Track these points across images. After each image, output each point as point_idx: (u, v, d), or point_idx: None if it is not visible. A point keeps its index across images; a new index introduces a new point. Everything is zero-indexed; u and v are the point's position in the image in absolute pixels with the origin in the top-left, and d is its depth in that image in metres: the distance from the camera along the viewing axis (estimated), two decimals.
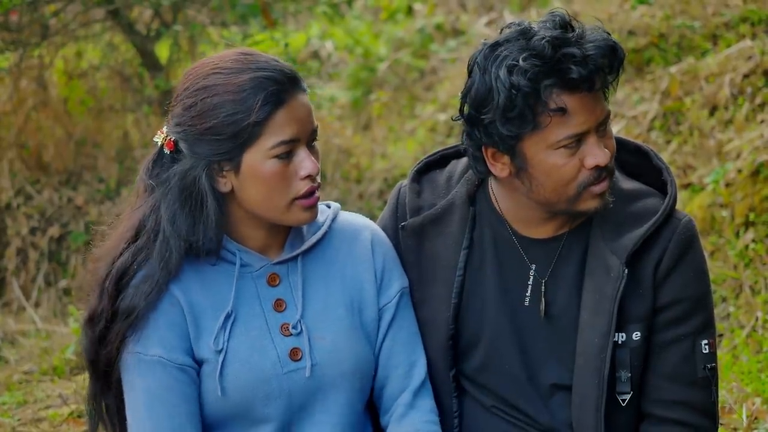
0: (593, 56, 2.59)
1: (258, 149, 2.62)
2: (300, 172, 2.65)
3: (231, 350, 2.70)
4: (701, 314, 2.74)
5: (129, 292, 2.67)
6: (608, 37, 2.62)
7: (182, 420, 2.66)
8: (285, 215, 2.68)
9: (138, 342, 2.67)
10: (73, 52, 7.20)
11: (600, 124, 2.64)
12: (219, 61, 2.68)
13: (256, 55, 2.67)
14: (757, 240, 5.04)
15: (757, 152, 5.20)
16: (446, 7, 8.44)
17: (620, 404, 2.73)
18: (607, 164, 2.64)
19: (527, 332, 2.80)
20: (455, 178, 2.90)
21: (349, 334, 2.76)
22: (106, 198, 6.80)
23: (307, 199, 2.67)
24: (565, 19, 2.63)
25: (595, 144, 2.63)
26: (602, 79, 2.62)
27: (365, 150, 7.13)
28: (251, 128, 2.60)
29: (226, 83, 2.62)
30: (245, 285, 2.74)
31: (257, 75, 2.62)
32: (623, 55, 2.64)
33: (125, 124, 7.14)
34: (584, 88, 2.59)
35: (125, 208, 2.78)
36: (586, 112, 2.61)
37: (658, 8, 6.52)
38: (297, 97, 2.65)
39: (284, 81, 2.63)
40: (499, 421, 2.84)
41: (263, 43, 6.76)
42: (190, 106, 2.65)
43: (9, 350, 5.80)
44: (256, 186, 2.65)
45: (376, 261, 2.82)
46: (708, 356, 2.73)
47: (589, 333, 2.71)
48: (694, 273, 2.73)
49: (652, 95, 6.00)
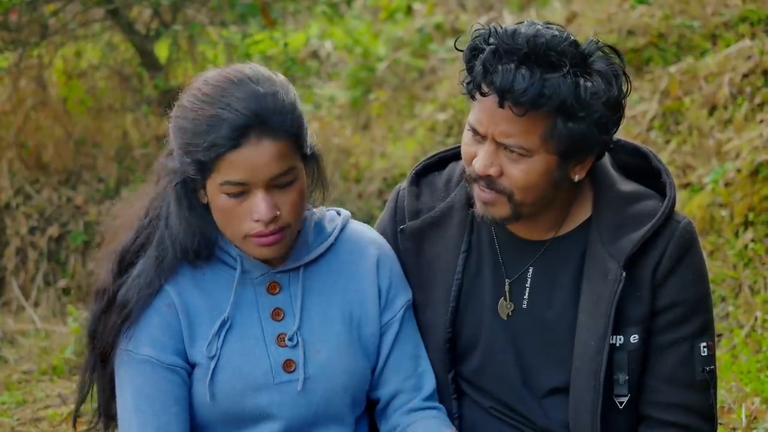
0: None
1: (213, 181, 2.61)
2: (252, 215, 2.61)
3: (223, 357, 2.69)
4: (700, 317, 2.73)
5: (126, 282, 2.68)
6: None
7: (169, 419, 2.66)
8: (243, 246, 2.67)
9: (130, 340, 2.68)
10: (73, 51, 7.19)
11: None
12: (206, 82, 2.62)
13: (242, 87, 2.59)
14: (756, 240, 5.04)
15: (757, 152, 5.19)
16: (445, 7, 8.44)
17: (617, 407, 2.72)
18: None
19: (524, 335, 2.80)
20: (454, 181, 2.89)
21: (345, 349, 2.75)
22: (105, 198, 6.79)
23: (260, 239, 2.64)
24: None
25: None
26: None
27: (364, 150, 7.13)
28: (203, 163, 2.58)
29: (193, 110, 2.60)
30: (244, 291, 2.73)
31: (219, 113, 2.56)
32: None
33: (124, 123, 7.13)
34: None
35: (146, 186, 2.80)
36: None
37: (658, 8, 6.52)
38: (258, 144, 2.57)
39: (246, 124, 2.55)
40: (498, 423, 2.84)
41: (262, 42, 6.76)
42: (172, 117, 2.66)
43: (8, 350, 5.79)
44: (216, 212, 2.65)
45: (381, 279, 2.81)
46: (707, 359, 2.72)
47: (586, 335, 2.70)
48: (692, 275, 2.72)
49: (652, 95, 6.00)
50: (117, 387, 2.71)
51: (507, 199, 2.66)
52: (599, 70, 2.60)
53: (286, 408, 2.71)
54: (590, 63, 2.61)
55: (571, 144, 2.60)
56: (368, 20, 8.62)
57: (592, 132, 2.59)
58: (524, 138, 2.59)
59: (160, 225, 2.68)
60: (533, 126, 2.58)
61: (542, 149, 2.60)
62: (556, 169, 2.64)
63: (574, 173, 2.68)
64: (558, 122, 2.57)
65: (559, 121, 2.57)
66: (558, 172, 2.64)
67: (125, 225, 2.75)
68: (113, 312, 2.68)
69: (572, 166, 2.66)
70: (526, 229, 2.79)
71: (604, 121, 2.60)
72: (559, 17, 7.17)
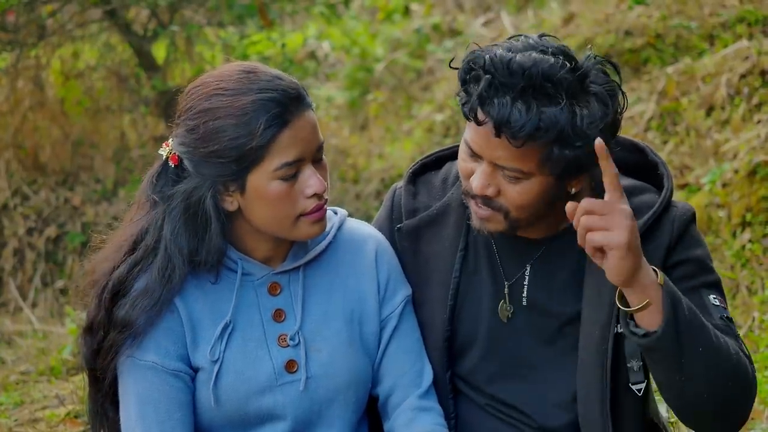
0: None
1: (262, 171, 2.60)
2: (306, 191, 2.62)
3: (226, 361, 2.69)
4: (707, 275, 2.72)
5: (125, 303, 2.65)
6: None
7: (173, 425, 2.65)
8: (292, 231, 2.66)
9: (133, 346, 2.66)
10: (70, 52, 7.20)
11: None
12: (221, 80, 2.62)
13: (259, 73, 2.62)
14: (754, 240, 5.05)
15: (754, 152, 5.20)
16: (443, 8, 8.44)
17: (635, 395, 2.71)
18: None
19: (523, 333, 2.80)
20: (451, 180, 2.89)
21: (346, 348, 2.75)
22: (102, 198, 6.80)
23: (314, 214, 2.65)
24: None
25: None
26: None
27: (362, 150, 7.13)
28: (255, 152, 2.57)
29: (229, 106, 2.58)
30: (246, 294, 2.73)
31: (259, 97, 2.58)
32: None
33: (122, 124, 7.14)
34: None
35: (124, 215, 2.76)
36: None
37: (655, 8, 6.53)
38: (301, 115, 2.61)
39: (287, 101, 2.59)
40: (495, 421, 2.84)
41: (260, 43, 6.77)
42: (193, 128, 2.61)
43: (6, 351, 5.79)
44: (261, 206, 2.63)
45: (380, 273, 2.81)
46: (720, 309, 2.68)
47: (590, 327, 2.70)
48: (697, 241, 2.73)
49: (649, 95, 6.00)
50: (120, 393, 2.70)
51: (503, 216, 2.67)
52: (596, 92, 2.60)
53: (290, 408, 2.71)
54: (587, 86, 2.60)
55: (567, 166, 2.61)
56: (366, 21, 8.62)
57: (588, 156, 2.59)
58: (521, 163, 2.59)
59: (160, 252, 2.65)
60: (530, 153, 2.58)
61: (539, 172, 2.61)
62: (554, 188, 2.65)
63: (570, 187, 2.69)
64: (555, 149, 2.58)
65: (555, 148, 2.58)
66: (555, 190, 2.66)
67: (107, 259, 2.70)
68: (112, 333, 2.65)
69: (570, 183, 2.67)
70: (523, 230, 2.79)
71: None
72: (556, 18, 7.17)
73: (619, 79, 2.67)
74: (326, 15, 7.39)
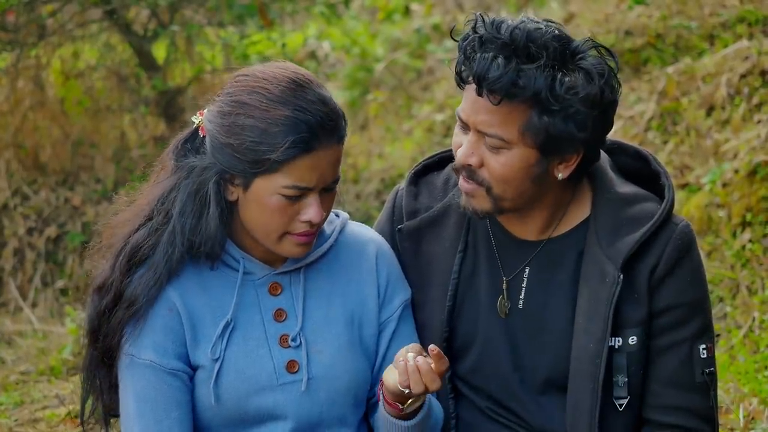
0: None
1: (270, 182, 2.60)
2: (302, 216, 2.63)
3: (227, 359, 2.69)
4: (698, 319, 2.73)
5: (135, 278, 2.66)
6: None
7: (171, 423, 2.66)
8: (276, 245, 2.67)
9: (132, 344, 2.67)
10: (70, 52, 7.19)
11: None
12: (269, 80, 2.61)
13: (307, 90, 2.60)
14: (754, 240, 5.05)
15: (754, 152, 5.20)
16: (443, 8, 8.44)
17: (616, 409, 2.72)
18: None
19: (520, 334, 2.80)
20: (452, 181, 2.89)
21: (347, 350, 2.75)
22: (103, 198, 6.80)
23: (301, 237, 2.66)
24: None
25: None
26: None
27: (362, 150, 7.13)
28: (270, 163, 2.58)
29: (264, 110, 2.58)
30: (246, 293, 2.73)
31: (296, 114, 2.57)
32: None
33: (122, 124, 7.14)
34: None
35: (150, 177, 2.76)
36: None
37: (655, 8, 6.52)
38: (328, 147, 2.61)
39: (320, 129, 2.58)
40: (494, 424, 2.84)
41: (260, 43, 6.77)
42: (225, 114, 2.62)
43: (6, 351, 5.79)
44: (256, 210, 2.64)
45: (380, 277, 2.81)
46: (706, 361, 2.72)
47: (585, 338, 2.70)
48: (690, 278, 2.72)
49: (649, 95, 6.00)
50: (120, 391, 2.71)
51: (486, 191, 2.68)
52: (584, 67, 2.62)
53: (292, 408, 2.71)
54: (577, 60, 2.62)
55: (548, 138, 2.62)
56: (366, 21, 8.62)
57: (568, 127, 2.60)
58: (503, 128, 2.61)
59: (171, 221, 2.66)
60: (511, 117, 2.60)
61: (521, 142, 2.62)
62: (536, 165, 2.65)
63: (557, 171, 2.68)
64: (534, 116, 2.59)
65: (534, 113, 2.59)
66: (537, 167, 2.66)
67: (128, 221, 2.72)
68: (120, 308, 2.66)
69: (554, 163, 2.67)
70: (520, 228, 2.79)
71: (581, 118, 2.60)
72: (556, 18, 7.16)
73: (616, 67, 2.68)
74: (326, 15, 7.39)
